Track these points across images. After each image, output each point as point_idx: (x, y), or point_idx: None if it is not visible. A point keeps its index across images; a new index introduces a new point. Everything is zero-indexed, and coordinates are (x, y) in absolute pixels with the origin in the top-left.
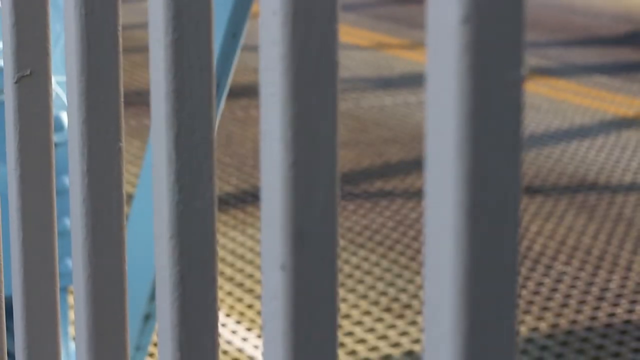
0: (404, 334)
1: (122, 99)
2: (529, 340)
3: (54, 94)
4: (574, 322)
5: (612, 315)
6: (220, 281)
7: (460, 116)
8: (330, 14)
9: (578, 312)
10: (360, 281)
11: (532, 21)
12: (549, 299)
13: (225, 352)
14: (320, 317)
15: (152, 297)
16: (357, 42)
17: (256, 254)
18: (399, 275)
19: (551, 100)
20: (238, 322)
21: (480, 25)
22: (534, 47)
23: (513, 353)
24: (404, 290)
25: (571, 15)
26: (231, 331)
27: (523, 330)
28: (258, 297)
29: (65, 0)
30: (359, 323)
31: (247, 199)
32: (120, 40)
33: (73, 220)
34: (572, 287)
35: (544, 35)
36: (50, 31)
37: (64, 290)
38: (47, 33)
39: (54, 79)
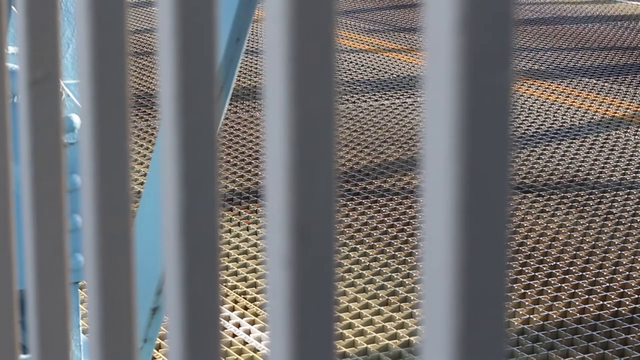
0: (401, 326)
1: (129, 101)
2: (522, 332)
3: (65, 96)
4: (564, 314)
5: (601, 308)
6: (225, 276)
7: (455, 117)
8: (329, 18)
9: (569, 305)
10: (359, 276)
11: (523, 26)
12: (541, 292)
13: (230, 344)
14: (321, 308)
15: (159, 291)
16: (356, 45)
17: (258, 250)
18: (396, 270)
19: (542, 102)
20: (242, 316)
21: (474, 30)
22: (525, 51)
23: (504, 343)
24: (401, 284)
25: (561, 19)
26: (235, 324)
27: (516, 322)
28: (261, 291)
29: (77, 7)
30: (358, 316)
31: (249, 197)
32: (128, 44)
33: (84, 218)
34: (563, 281)
35: (535, 40)
36: (62, 37)
37: (76, 284)
38: (59, 38)
39: (65, 82)
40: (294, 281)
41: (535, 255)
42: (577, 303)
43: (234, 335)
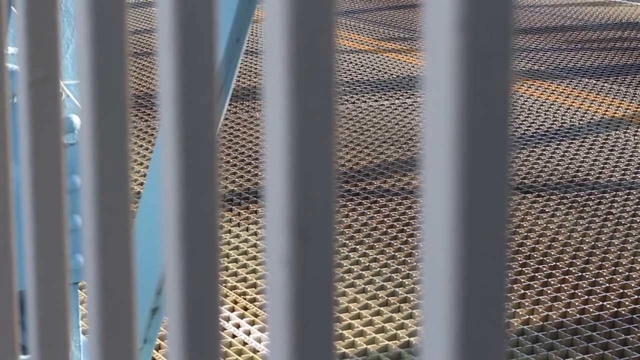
0: (400, 327)
1: (129, 102)
2: (522, 333)
3: (65, 96)
4: (564, 315)
5: (601, 308)
6: (224, 276)
7: (455, 117)
8: (329, 19)
9: (568, 305)
10: (359, 276)
11: (523, 26)
12: (540, 293)
13: (229, 345)
14: (321, 309)
15: (159, 291)
16: (356, 46)
17: (258, 250)
18: (396, 271)
19: (543, 102)
20: (241, 316)
21: (474, 30)
22: (525, 51)
23: (503, 343)
24: (400, 285)
25: (561, 19)
26: (235, 325)
27: (516, 323)
28: (260, 292)
29: (77, 7)
30: (358, 316)
31: (249, 197)
32: (128, 45)
33: (84, 218)
34: (563, 281)
35: (535, 40)
36: (62, 37)
37: (76, 285)
38: (59, 39)
39: (65, 82)
40: (294, 281)
41: (535, 255)
42: (576, 303)
43: (233, 336)
